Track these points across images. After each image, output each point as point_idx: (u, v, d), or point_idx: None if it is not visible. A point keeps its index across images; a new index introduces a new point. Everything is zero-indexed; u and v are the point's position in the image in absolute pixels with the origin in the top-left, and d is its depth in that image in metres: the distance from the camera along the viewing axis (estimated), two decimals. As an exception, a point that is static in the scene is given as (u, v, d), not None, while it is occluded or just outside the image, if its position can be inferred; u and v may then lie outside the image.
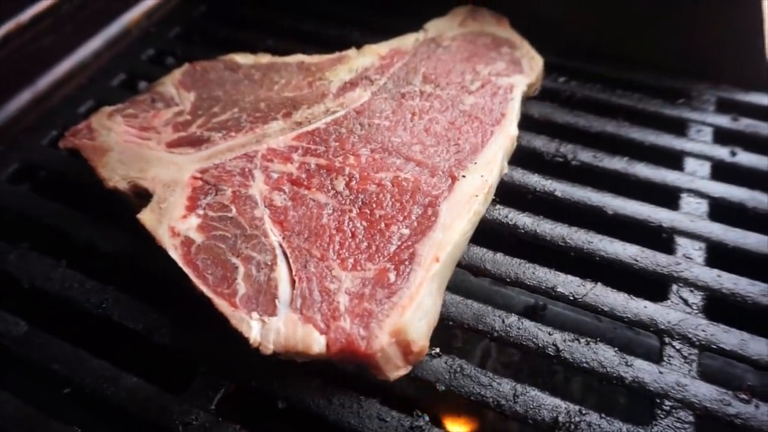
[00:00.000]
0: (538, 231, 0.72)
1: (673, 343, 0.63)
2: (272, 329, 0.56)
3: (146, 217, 0.65)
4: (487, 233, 0.72)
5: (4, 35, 0.80)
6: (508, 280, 0.68)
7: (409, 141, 0.75)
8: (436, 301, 0.61)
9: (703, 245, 0.72)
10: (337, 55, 0.89)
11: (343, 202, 0.67)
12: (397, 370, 0.57)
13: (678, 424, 0.57)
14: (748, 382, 0.61)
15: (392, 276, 0.60)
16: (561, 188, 0.77)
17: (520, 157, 0.81)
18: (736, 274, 0.68)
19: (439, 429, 0.56)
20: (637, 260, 0.69)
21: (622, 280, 0.68)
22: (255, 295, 0.58)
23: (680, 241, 0.72)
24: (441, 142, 0.75)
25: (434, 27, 0.95)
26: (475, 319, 0.64)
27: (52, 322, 0.66)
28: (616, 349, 0.62)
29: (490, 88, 0.82)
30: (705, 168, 0.81)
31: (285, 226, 0.65)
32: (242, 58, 0.90)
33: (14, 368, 0.68)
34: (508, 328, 0.63)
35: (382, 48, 0.90)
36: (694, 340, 0.63)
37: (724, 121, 0.87)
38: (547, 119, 0.88)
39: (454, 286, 0.67)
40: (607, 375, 0.60)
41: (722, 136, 0.86)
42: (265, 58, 0.90)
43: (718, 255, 0.71)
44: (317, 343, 0.55)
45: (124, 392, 0.59)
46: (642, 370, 0.60)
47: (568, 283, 0.67)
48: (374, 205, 0.67)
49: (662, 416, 0.57)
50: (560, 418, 0.56)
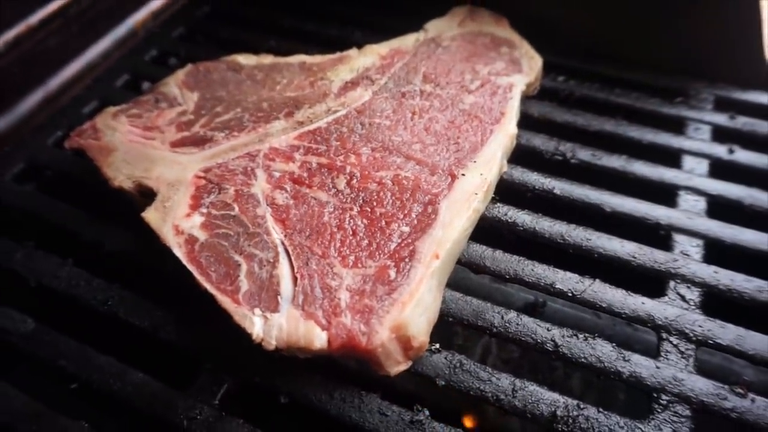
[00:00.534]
0: (537, 228, 0.73)
1: (671, 339, 0.63)
2: (274, 325, 0.57)
3: (151, 215, 0.67)
4: (486, 231, 0.73)
5: (15, 37, 0.81)
6: (508, 277, 0.69)
7: (409, 140, 0.75)
8: (436, 298, 0.62)
9: (701, 242, 0.72)
10: (338, 55, 0.90)
11: (344, 201, 0.68)
12: (398, 366, 0.58)
13: (675, 418, 0.57)
14: (744, 377, 0.62)
15: (392, 273, 0.61)
16: (560, 186, 0.78)
17: (520, 156, 0.82)
18: (733, 271, 0.69)
19: (439, 423, 0.57)
20: (635, 257, 0.70)
21: (621, 277, 0.69)
22: (257, 292, 0.59)
23: (678, 238, 0.73)
24: (441, 141, 0.75)
25: (434, 27, 0.96)
26: (475, 315, 0.64)
27: (59, 319, 0.67)
28: (614, 344, 0.62)
29: (490, 87, 0.83)
30: (703, 166, 0.82)
31: (287, 224, 0.66)
32: (245, 59, 0.91)
33: (22, 365, 0.69)
34: (507, 324, 0.64)
35: (383, 48, 0.91)
36: (691, 335, 0.63)
37: (721, 119, 0.88)
38: (546, 118, 0.89)
39: (454, 284, 0.68)
40: (605, 370, 0.61)
41: (720, 134, 0.86)
42: (268, 59, 0.91)
43: (716, 252, 0.72)
44: (319, 339, 0.56)
45: (130, 388, 0.60)
46: (639, 365, 0.61)
47: (567, 280, 0.67)
48: (375, 204, 0.68)
49: (659, 410, 0.58)
50: (558, 413, 0.57)
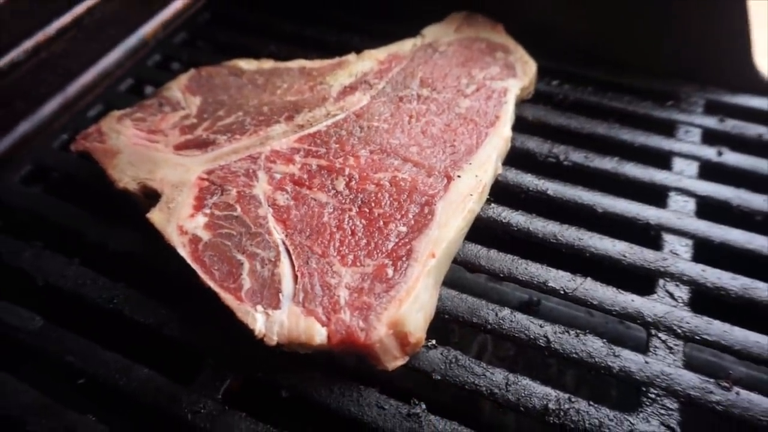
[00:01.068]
0: (531, 228, 0.75)
1: (659, 335, 0.65)
2: (276, 321, 0.59)
3: (155, 216, 0.69)
4: (481, 231, 0.75)
5: (33, 46, 0.84)
6: (502, 276, 0.71)
7: (406, 143, 0.78)
8: (433, 295, 0.65)
9: (690, 242, 0.75)
10: (337, 60, 0.92)
11: (344, 202, 0.70)
12: (395, 361, 0.60)
13: (662, 411, 0.59)
14: (730, 372, 0.64)
15: (390, 271, 0.63)
16: (553, 188, 0.80)
17: (514, 158, 0.84)
18: (721, 269, 0.71)
19: (435, 416, 0.59)
20: (625, 256, 0.72)
21: (612, 275, 0.71)
22: (260, 290, 0.61)
23: (667, 237, 0.75)
24: (437, 144, 0.78)
25: (431, 32, 0.98)
26: (470, 312, 0.66)
27: (66, 317, 0.69)
28: (605, 340, 0.64)
29: (485, 91, 0.85)
30: (693, 167, 0.84)
31: (288, 225, 0.68)
32: (246, 64, 0.93)
33: (31, 361, 0.71)
34: (501, 321, 0.66)
35: (381, 53, 0.93)
36: (679, 331, 0.65)
37: (711, 122, 0.90)
38: (540, 121, 0.91)
39: (450, 283, 0.70)
40: (596, 365, 0.63)
41: (710, 137, 0.88)
42: (268, 64, 0.93)
43: (704, 251, 0.74)
44: (319, 335, 0.58)
45: (135, 382, 0.62)
46: (629, 360, 0.63)
47: (559, 278, 0.70)
48: (373, 204, 0.70)
49: (648, 403, 0.60)
50: (550, 406, 0.59)
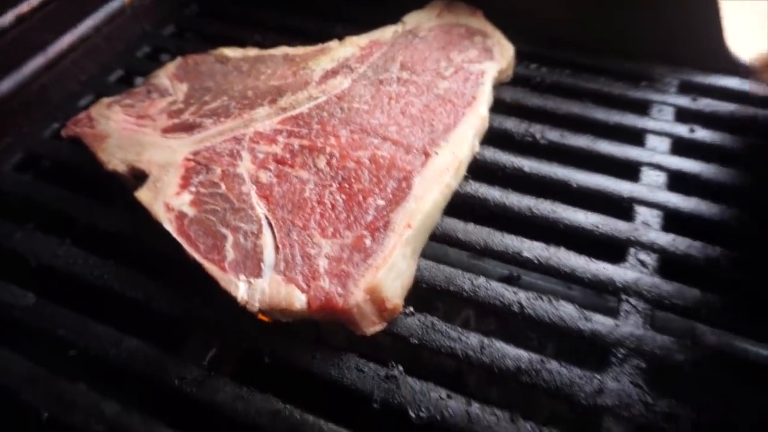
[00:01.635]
0: (507, 203, 0.78)
1: (630, 300, 0.68)
2: (258, 289, 0.61)
3: (143, 194, 0.71)
4: (459, 206, 0.77)
5: (17, 16, 0.86)
6: (478, 248, 0.73)
7: (386, 122, 0.80)
8: (410, 265, 0.67)
9: (661, 213, 0.77)
10: (319, 46, 0.95)
11: (324, 178, 0.73)
12: (374, 326, 0.63)
13: (630, 370, 0.62)
14: (696, 332, 0.66)
15: (368, 242, 0.66)
16: (529, 164, 0.83)
17: (492, 138, 0.87)
18: (689, 239, 0.73)
19: (412, 378, 0.61)
20: (598, 227, 0.75)
21: (585, 246, 0.73)
22: (242, 260, 0.64)
23: (639, 209, 0.78)
24: (416, 123, 0.80)
25: (412, 19, 1.01)
26: (447, 281, 0.69)
27: (59, 294, 0.71)
28: (577, 305, 0.67)
29: (463, 73, 0.88)
30: (665, 144, 0.87)
31: (270, 200, 0.70)
32: (231, 52, 0.95)
33: (24, 336, 0.73)
34: (477, 289, 0.68)
35: (363, 39, 0.96)
36: (649, 296, 0.68)
37: (684, 101, 0.93)
38: (518, 103, 0.93)
39: (434, 258, 0.72)
40: (568, 329, 0.65)
41: (682, 115, 0.91)
42: (253, 52, 0.95)
43: (675, 222, 0.77)
44: (299, 301, 0.60)
45: (125, 353, 0.64)
46: (599, 324, 0.65)
47: (534, 248, 0.72)
48: (353, 180, 0.72)
49: (616, 363, 0.63)
50: (523, 366, 0.62)
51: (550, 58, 1.01)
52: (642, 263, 0.72)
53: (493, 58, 0.91)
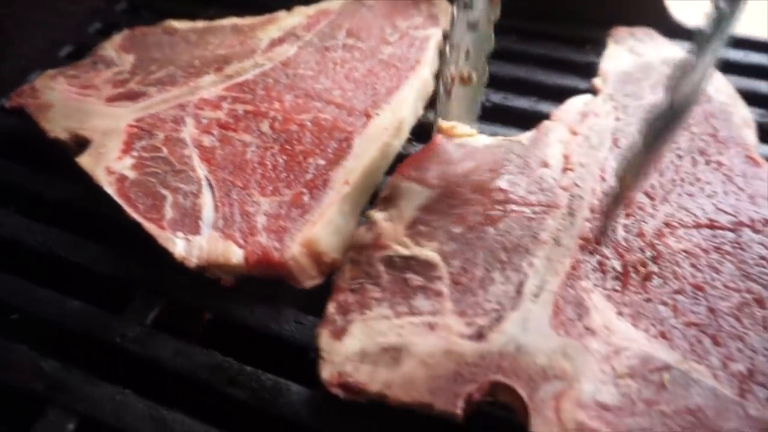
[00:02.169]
0: (449, 162, 0.79)
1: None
2: (196, 246, 0.62)
3: (84, 160, 0.72)
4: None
5: None
6: (420, 205, 0.75)
7: (330, 87, 0.81)
8: (350, 221, 0.68)
9: (599, 169, 0.79)
10: (267, 16, 0.95)
11: (267, 141, 0.74)
12: (312, 280, 0.64)
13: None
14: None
15: (306, 198, 0.67)
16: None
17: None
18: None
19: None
20: (537, 183, 0.77)
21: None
22: (181, 219, 0.65)
23: (578, 166, 0.80)
24: (359, 87, 0.81)
25: (361, -11, 1.02)
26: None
27: (2, 262, 0.71)
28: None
29: (408, 39, 0.89)
30: (606, 104, 0.89)
31: (212, 162, 0.71)
32: (179, 24, 0.96)
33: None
34: (415, 243, 0.70)
35: (311, 9, 0.96)
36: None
37: (627, 63, 0.95)
38: (465, 68, 0.95)
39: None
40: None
41: (625, 77, 0.93)
42: (201, 23, 0.96)
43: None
44: (236, 256, 0.62)
45: (68, 314, 0.65)
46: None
47: (473, 205, 0.74)
48: (295, 142, 0.73)
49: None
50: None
51: (498, 25, 1.02)
52: (578, 216, 0.73)
53: (439, 25, 0.93)
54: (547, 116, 0.86)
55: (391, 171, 0.77)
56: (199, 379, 0.60)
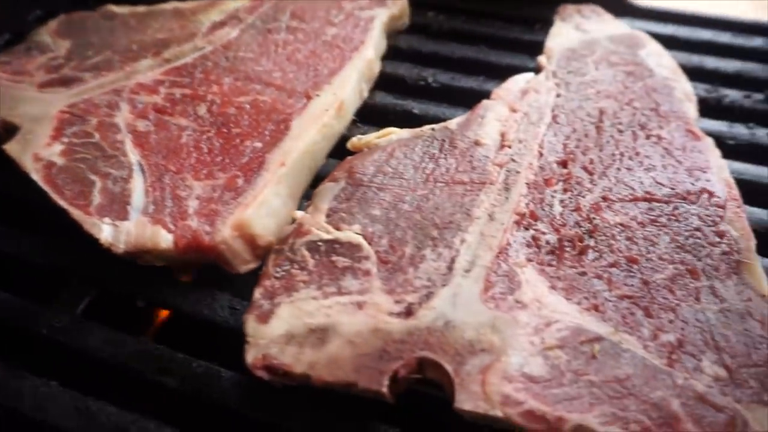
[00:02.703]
0: (393, 143, 0.78)
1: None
2: (123, 231, 0.60)
3: (11, 147, 0.69)
4: (345, 149, 0.77)
5: None
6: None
7: (270, 69, 0.79)
8: (287, 203, 0.67)
9: (545, 147, 0.79)
10: (210, 0, 0.93)
11: (204, 125, 0.72)
12: (246, 264, 0.62)
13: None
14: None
15: (240, 181, 0.65)
16: (419, 107, 0.83)
17: (385, 83, 0.87)
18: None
19: (287, 312, 0.61)
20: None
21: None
22: (109, 204, 0.62)
23: (525, 145, 0.79)
24: (301, 69, 0.80)
25: (307, -29, 0.99)
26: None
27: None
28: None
29: (353, 20, 0.88)
30: (554, 83, 0.88)
31: (145, 147, 0.69)
32: (119, 8, 0.93)
33: None
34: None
35: (255, -8, 0.94)
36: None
37: (576, 42, 0.94)
38: (413, 49, 0.94)
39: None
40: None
41: (573, 55, 0.93)
42: (142, 8, 0.93)
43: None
44: (164, 240, 0.60)
45: (-6, 306, 0.63)
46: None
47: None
48: (232, 125, 0.72)
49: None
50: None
51: (448, 6, 1.02)
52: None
53: (385, 5, 0.91)
54: (493, 95, 0.86)
55: (335, 153, 0.76)
56: (128, 368, 0.58)
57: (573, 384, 0.43)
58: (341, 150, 0.76)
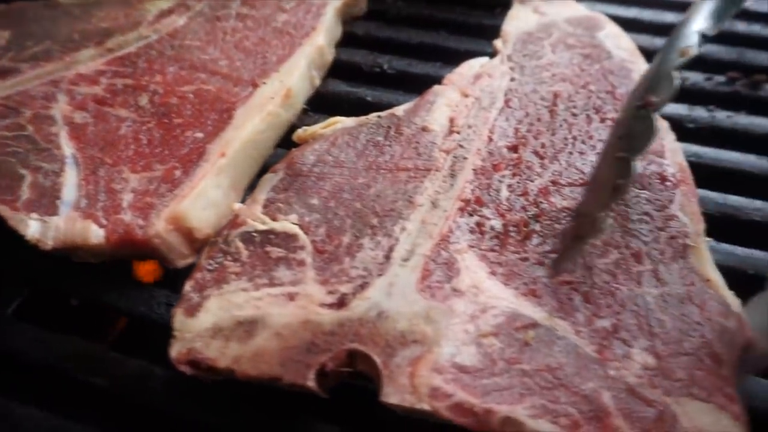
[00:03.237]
0: (345, 132, 0.75)
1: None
2: (51, 227, 0.57)
3: (-65, 145, 0.66)
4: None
5: None
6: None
7: (217, 57, 0.77)
8: (228, 195, 0.64)
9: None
10: (158, -13, 0.90)
11: (144, 116, 0.69)
12: (184, 259, 0.60)
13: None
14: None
15: (178, 173, 0.62)
16: (372, 94, 0.81)
17: (340, 71, 0.84)
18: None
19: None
20: (435, 150, 0.73)
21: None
22: (38, 199, 0.60)
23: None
24: (249, 56, 0.77)
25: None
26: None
27: None
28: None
29: (305, 6, 0.85)
30: (513, 67, 0.86)
31: (82, 140, 0.66)
32: (63, -3, 0.90)
33: None
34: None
35: (205, -22, 0.91)
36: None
37: (536, 26, 0.92)
38: (370, 36, 0.91)
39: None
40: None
41: (533, 40, 0.90)
42: (88, -3, 0.90)
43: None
44: (95, 235, 0.57)
45: None
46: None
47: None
48: (173, 116, 0.69)
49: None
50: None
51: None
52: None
53: (339, -10, 0.88)
54: (449, 81, 0.84)
55: (285, 144, 0.73)
56: (59, 369, 0.55)
57: (505, 374, 0.41)
58: (291, 140, 0.74)
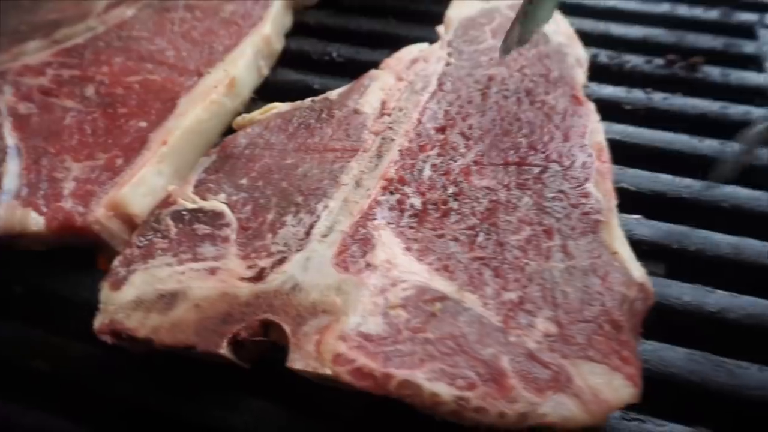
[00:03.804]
0: (289, 119, 0.77)
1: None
2: (-8, 215, 0.59)
3: None
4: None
5: None
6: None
7: (164, 48, 0.79)
8: (171, 182, 0.66)
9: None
10: (108, -20, 0.91)
11: (89, 106, 0.71)
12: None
13: None
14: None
15: (120, 161, 0.64)
16: (320, 81, 0.83)
17: (290, 60, 0.86)
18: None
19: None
20: (377, 134, 0.76)
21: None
22: (-22, 189, 0.62)
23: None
24: (196, 47, 0.79)
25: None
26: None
27: None
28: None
29: (253, -4, 0.87)
30: (459, 54, 0.88)
31: (25, 130, 0.68)
32: (15, -9, 0.91)
33: None
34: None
35: (155, -30, 0.93)
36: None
37: (484, 12, 0.94)
38: (321, 25, 0.93)
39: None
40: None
41: (480, 26, 0.92)
42: (38, -10, 0.91)
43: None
44: (35, 223, 0.59)
45: None
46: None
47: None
48: (118, 105, 0.71)
49: None
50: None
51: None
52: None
53: (287, -19, 0.90)
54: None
55: (230, 131, 0.75)
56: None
57: (408, 342, 0.43)
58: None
